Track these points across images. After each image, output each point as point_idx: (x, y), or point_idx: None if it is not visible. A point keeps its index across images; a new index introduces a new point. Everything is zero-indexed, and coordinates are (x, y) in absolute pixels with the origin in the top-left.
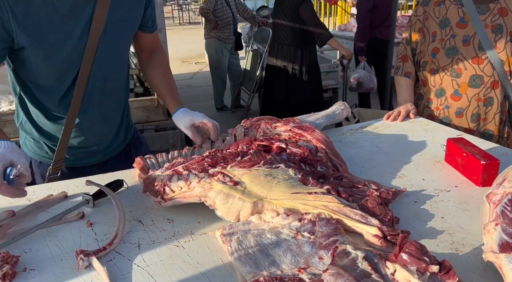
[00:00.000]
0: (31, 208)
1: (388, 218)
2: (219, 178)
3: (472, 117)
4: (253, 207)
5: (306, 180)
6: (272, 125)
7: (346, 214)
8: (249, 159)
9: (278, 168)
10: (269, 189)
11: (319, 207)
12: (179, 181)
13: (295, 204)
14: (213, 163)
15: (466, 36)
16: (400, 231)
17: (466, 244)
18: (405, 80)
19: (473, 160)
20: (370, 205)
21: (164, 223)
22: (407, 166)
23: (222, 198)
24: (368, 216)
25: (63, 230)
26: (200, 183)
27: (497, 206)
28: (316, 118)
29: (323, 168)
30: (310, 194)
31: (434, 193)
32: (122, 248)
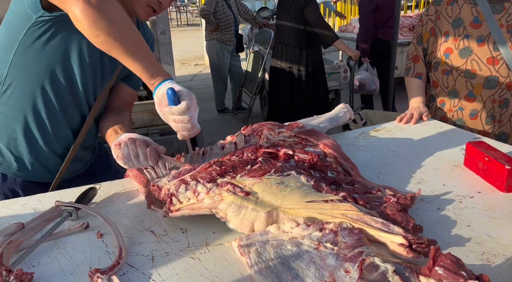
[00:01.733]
0: (39, 220)
1: (411, 225)
2: (229, 189)
3: (487, 119)
4: (268, 217)
5: (319, 186)
6: (276, 131)
7: (367, 222)
8: (259, 168)
9: (289, 175)
10: (283, 197)
11: (337, 216)
12: (186, 191)
13: (312, 213)
14: (221, 172)
15: (480, 36)
16: (426, 239)
17: (498, 255)
18: (416, 82)
19: (496, 164)
20: (390, 212)
21: (177, 233)
22: (425, 171)
23: (234, 209)
24: (390, 224)
25: (72, 242)
26: (209, 195)
27: None
28: (319, 121)
29: (333, 174)
30: (326, 202)
31: (457, 199)
32: (135, 261)
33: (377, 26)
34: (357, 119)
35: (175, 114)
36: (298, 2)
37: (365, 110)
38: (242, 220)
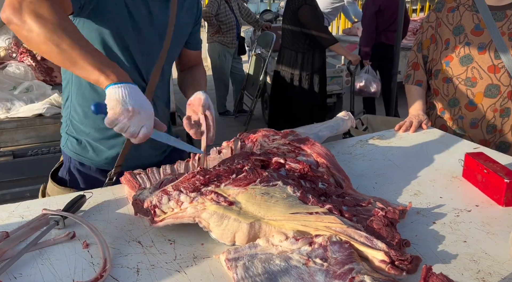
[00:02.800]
0: (25, 229)
1: (396, 241)
2: (212, 198)
3: (487, 128)
4: (250, 229)
5: (305, 198)
6: (270, 138)
7: (350, 235)
8: (244, 177)
9: (275, 185)
10: (267, 209)
11: (320, 229)
12: (169, 202)
13: (295, 225)
14: (205, 182)
15: (481, 44)
16: (409, 256)
17: (494, 274)
18: (416, 89)
19: (495, 177)
20: (376, 226)
21: (165, 244)
22: (422, 182)
23: (216, 219)
24: (373, 238)
25: (57, 252)
26: (193, 204)
27: None
28: (319, 129)
29: (324, 185)
30: (311, 214)
31: (453, 213)
32: (120, 273)
33: (380, 30)
34: (358, 124)
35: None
36: (294, 4)
37: (366, 115)
38: (224, 230)
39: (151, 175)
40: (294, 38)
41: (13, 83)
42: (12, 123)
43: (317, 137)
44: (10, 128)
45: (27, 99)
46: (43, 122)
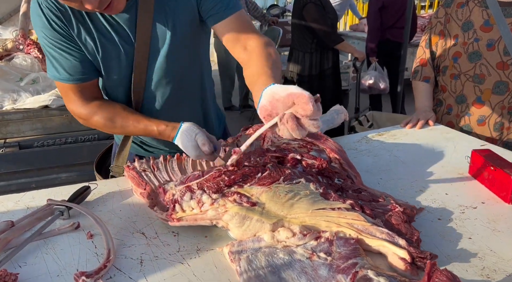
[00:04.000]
0: (30, 218)
1: (415, 238)
2: (235, 199)
3: (495, 126)
4: (273, 229)
5: (327, 194)
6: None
7: (372, 233)
8: (268, 175)
9: (298, 183)
10: (290, 207)
11: (342, 225)
12: (191, 200)
13: (318, 221)
14: (230, 183)
15: (490, 40)
16: (429, 254)
17: (498, 270)
18: (424, 85)
19: (502, 174)
20: (395, 222)
21: (168, 236)
22: (428, 178)
23: (237, 221)
24: (395, 235)
25: (61, 242)
26: (214, 206)
27: None
28: None
29: (340, 181)
30: (334, 210)
31: (459, 210)
32: (124, 264)
33: (385, 27)
34: (364, 121)
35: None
36: (300, 3)
37: (371, 112)
38: (245, 231)
39: (157, 173)
40: (302, 38)
41: (19, 75)
42: (18, 114)
43: None
44: (16, 119)
45: (34, 91)
46: (49, 113)
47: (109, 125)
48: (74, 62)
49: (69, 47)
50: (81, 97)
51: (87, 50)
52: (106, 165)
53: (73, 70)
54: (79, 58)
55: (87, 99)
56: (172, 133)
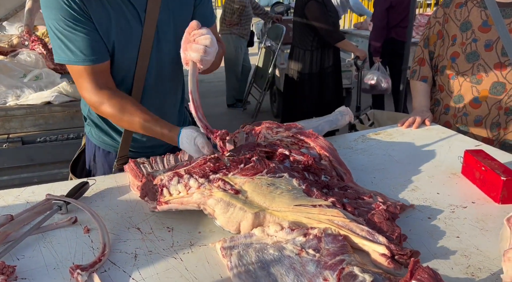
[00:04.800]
0: (29, 213)
1: (396, 235)
2: (219, 185)
3: (491, 126)
4: (255, 218)
5: (310, 191)
6: (274, 131)
7: (352, 229)
8: (252, 167)
9: (281, 177)
10: (272, 199)
11: (323, 221)
12: (178, 184)
13: (299, 217)
14: (215, 169)
15: (488, 41)
16: (409, 250)
17: (483, 269)
18: (422, 85)
19: (492, 175)
20: (377, 220)
21: (163, 231)
22: (420, 177)
23: (222, 207)
24: (375, 232)
25: (58, 236)
26: (200, 189)
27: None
28: (318, 124)
29: (327, 178)
30: (315, 207)
31: (449, 209)
32: (118, 258)
33: (391, 26)
34: (364, 119)
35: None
36: (301, 1)
37: (373, 111)
38: (229, 218)
39: (155, 164)
40: (303, 36)
41: (23, 71)
42: (21, 110)
43: (316, 131)
44: (20, 115)
45: (37, 87)
46: (52, 110)
47: (117, 117)
48: (89, 42)
49: (85, 27)
50: (93, 82)
51: (102, 28)
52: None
53: (87, 51)
54: (93, 38)
55: (99, 85)
56: (175, 138)
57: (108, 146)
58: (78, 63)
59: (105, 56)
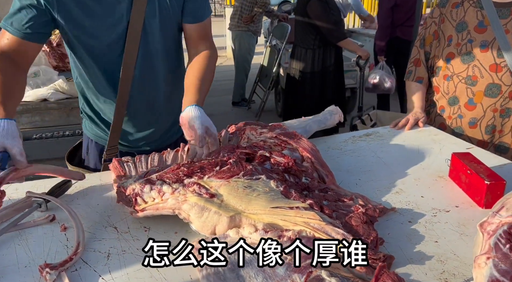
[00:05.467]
0: (8, 210)
1: (371, 239)
2: (194, 189)
3: (486, 129)
4: (230, 222)
5: (288, 193)
6: (258, 131)
7: (327, 232)
8: (228, 170)
9: (259, 179)
10: (248, 202)
11: (299, 224)
12: (151, 191)
13: (275, 220)
14: (189, 173)
15: (484, 41)
16: (383, 255)
17: (458, 275)
18: (417, 86)
19: (477, 179)
20: (354, 223)
21: (139, 231)
22: (406, 180)
23: (196, 211)
24: (350, 236)
25: (35, 234)
26: (174, 195)
27: (490, 237)
28: (306, 123)
29: (308, 180)
30: (292, 209)
31: (431, 213)
32: (91, 257)
33: (396, 25)
34: (367, 120)
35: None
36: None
37: (375, 111)
38: (204, 222)
39: (138, 163)
40: (305, 34)
41: None
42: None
43: (304, 131)
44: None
45: (34, 84)
46: (48, 107)
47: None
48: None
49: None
50: (2, 47)
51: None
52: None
53: (19, 25)
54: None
55: (4, 52)
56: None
57: (100, 139)
58: (6, 27)
59: (34, 37)
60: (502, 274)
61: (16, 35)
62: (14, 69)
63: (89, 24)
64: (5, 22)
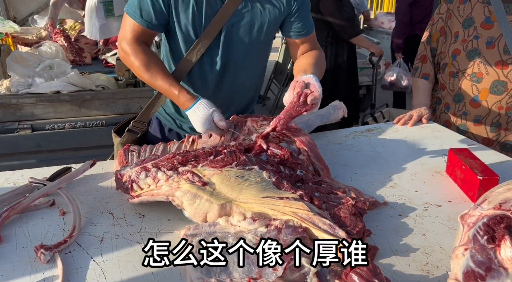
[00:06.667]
0: (10, 194)
1: (357, 230)
2: (188, 177)
3: (491, 126)
4: (221, 210)
5: (280, 183)
6: (258, 123)
7: (315, 222)
8: (221, 159)
9: (251, 170)
10: (239, 191)
11: (287, 213)
12: (147, 178)
13: (264, 209)
14: (183, 161)
15: (490, 38)
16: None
17: (441, 267)
18: (422, 82)
19: (471, 174)
20: (342, 215)
21: (134, 218)
22: (402, 175)
23: (189, 198)
24: (336, 226)
25: (35, 217)
26: (168, 182)
27: (470, 229)
28: (308, 118)
29: (302, 172)
30: (281, 199)
31: (423, 207)
32: (85, 241)
33: (414, 22)
34: (379, 117)
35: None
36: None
37: (388, 109)
38: (196, 209)
39: (143, 153)
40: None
41: (38, 61)
42: (32, 98)
43: (306, 125)
44: (30, 103)
45: (48, 76)
46: (60, 99)
47: (142, 69)
48: (153, 10)
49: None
50: (135, 37)
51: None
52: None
53: (148, 16)
54: (158, 9)
55: (138, 41)
56: (187, 103)
57: (162, 118)
58: (135, 19)
59: (158, 27)
60: (478, 265)
61: (144, 26)
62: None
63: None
64: (133, 13)
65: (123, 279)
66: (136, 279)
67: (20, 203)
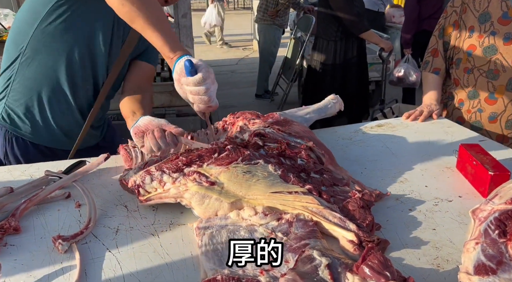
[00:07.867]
0: (27, 186)
1: (367, 222)
2: (195, 178)
3: (507, 124)
4: (231, 208)
5: (286, 176)
6: (250, 122)
7: (325, 216)
8: (226, 156)
9: (257, 164)
10: (248, 188)
11: (298, 208)
12: (152, 182)
13: (274, 204)
14: (188, 162)
15: (508, 34)
16: (377, 238)
17: (451, 261)
18: (433, 77)
19: (482, 169)
20: (351, 208)
21: (148, 210)
22: (413, 170)
23: (198, 199)
24: (346, 220)
25: (52, 209)
26: (175, 184)
27: (481, 224)
28: (306, 112)
29: (303, 161)
30: (290, 193)
31: (433, 202)
32: (100, 232)
33: (423, 17)
34: (388, 113)
35: (191, 85)
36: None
37: (398, 104)
38: (205, 209)
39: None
40: (327, 26)
41: None
42: None
43: (304, 120)
44: None
45: None
46: None
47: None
48: None
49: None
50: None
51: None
52: None
53: None
54: None
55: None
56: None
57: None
58: None
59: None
60: (489, 258)
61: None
62: None
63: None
64: None
65: (138, 269)
66: (151, 269)
67: (37, 195)
